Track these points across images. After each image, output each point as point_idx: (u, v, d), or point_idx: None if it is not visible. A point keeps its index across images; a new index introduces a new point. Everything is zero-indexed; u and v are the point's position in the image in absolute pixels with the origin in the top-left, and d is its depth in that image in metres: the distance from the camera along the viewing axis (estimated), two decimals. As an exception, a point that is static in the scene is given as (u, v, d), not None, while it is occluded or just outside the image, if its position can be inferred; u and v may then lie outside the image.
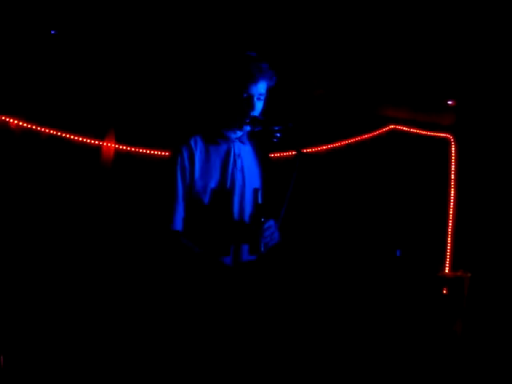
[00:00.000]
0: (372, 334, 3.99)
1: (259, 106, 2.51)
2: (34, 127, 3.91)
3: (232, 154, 2.56)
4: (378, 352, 3.87)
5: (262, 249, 2.41)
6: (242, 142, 2.60)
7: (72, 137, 4.03)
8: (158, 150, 4.19)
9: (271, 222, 2.46)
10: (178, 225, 2.46)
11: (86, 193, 4.03)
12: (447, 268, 4.62)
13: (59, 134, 3.99)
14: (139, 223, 3.86)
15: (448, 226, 4.65)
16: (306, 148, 4.26)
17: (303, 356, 3.67)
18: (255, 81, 2.45)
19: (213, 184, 2.50)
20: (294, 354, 3.60)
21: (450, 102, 4.73)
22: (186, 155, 2.50)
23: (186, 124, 2.64)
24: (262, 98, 2.51)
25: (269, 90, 2.56)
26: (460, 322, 4.05)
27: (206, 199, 2.49)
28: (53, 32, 3.88)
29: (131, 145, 4.20)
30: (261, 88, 2.48)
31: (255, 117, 2.46)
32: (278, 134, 2.41)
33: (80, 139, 4.05)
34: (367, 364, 3.76)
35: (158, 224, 2.50)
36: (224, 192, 2.53)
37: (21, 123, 3.87)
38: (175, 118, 4.12)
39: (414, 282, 4.28)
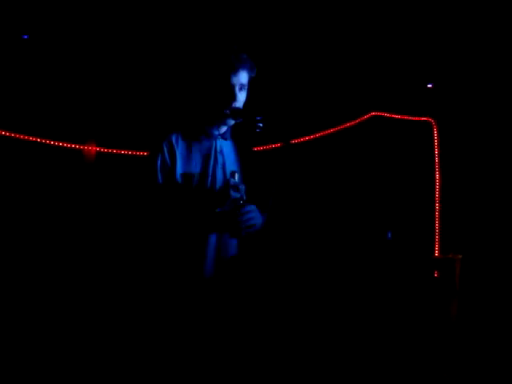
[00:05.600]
0: (365, 319, 3.99)
1: (241, 97, 2.52)
2: (12, 135, 3.85)
3: (213, 150, 2.57)
4: (370, 337, 3.87)
5: (243, 233, 2.42)
6: (224, 139, 2.58)
7: (52, 142, 3.98)
8: (140, 152, 4.15)
9: (251, 207, 2.44)
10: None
11: (68, 194, 4.00)
12: (437, 251, 4.61)
13: (39, 140, 3.94)
14: (123, 222, 3.83)
15: (435, 209, 4.65)
16: (290, 139, 4.25)
17: (295, 341, 3.67)
18: (235, 71, 2.44)
19: (194, 180, 2.47)
20: (286, 341, 3.59)
21: (429, 85, 4.74)
22: (166, 151, 2.49)
23: (167, 121, 2.60)
24: (244, 89, 2.50)
25: (250, 82, 2.53)
26: (454, 304, 4.03)
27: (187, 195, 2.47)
28: (25, 37, 3.82)
29: (112, 147, 4.16)
30: (242, 78, 2.48)
31: (236, 108, 2.43)
32: (261, 124, 2.39)
33: (60, 144, 4.00)
34: (360, 349, 3.76)
35: (141, 219, 2.48)
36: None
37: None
38: (156, 116, 4.08)
39: (404, 266, 4.27)
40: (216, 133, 2.57)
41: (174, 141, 2.51)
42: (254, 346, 2.56)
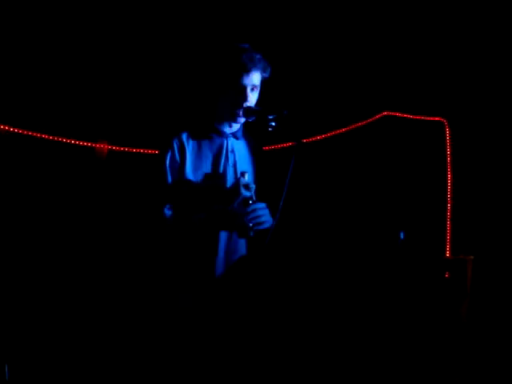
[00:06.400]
0: (375, 319, 3.99)
1: (253, 97, 2.52)
2: (25, 132, 3.87)
3: (225, 149, 2.57)
4: (381, 336, 3.87)
5: (251, 233, 2.40)
6: (236, 138, 2.59)
7: (65, 140, 4.00)
8: (151, 150, 4.16)
9: (259, 205, 2.44)
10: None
11: (80, 192, 4.03)
12: (448, 252, 4.60)
13: (51, 137, 3.96)
14: (133, 220, 3.86)
15: (447, 209, 4.64)
16: (302, 139, 4.26)
17: (303, 341, 3.68)
18: (248, 71, 2.44)
19: (204, 179, 2.48)
20: (295, 340, 3.60)
21: (441, 85, 4.73)
22: (176, 149, 2.49)
23: (178, 120, 2.61)
24: (256, 89, 2.50)
25: (263, 82, 2.53)
26: (465, 305, 4.02)
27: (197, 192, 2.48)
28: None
29: (124, 145, 4.17)
30: (254, 79, 2.48)
31: (249, 107, 2.44)
32: (273, 123, 2.39)
33: (72, 142, 4.02)
34: (370, 349, 3.76)
35: (149, 218, 2.48)
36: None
37: (11, 129, 3.83)
38: (167, 114, 4.09)
39: (415, 266, 4.26)
40: (227, 131, 2.57)
41: (184, 139, 2.51)
42: (263, 345, 2.57)
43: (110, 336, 3.67)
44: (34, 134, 3.91)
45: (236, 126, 2.57)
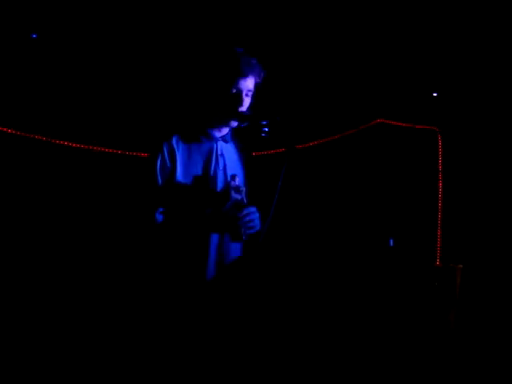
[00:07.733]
0: (365, 325, 4.01)
1: (247, 102, 2.51)
2: (19, 133, 3.88)
3: (214, 153, 2.57)
4: (370, 342, 3.88)
5: (243, 236, 2.41)
6: (225, 141, 2.59)
7: (58, 142, 4.01)
8: (143, 153, 4.17)
9: (251, 209, 2.44)
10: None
11: (72, 194, 4.03)
12: (438, 260, 4.63)
13: (44, 139, 3.97)
14: (124, 223, 3.86)
15: (438, 217, 4.67)
16: (295, 144, 4.28)
17: (296, 344, 3.68)
18: (244, 76, 2.45)
19: (194, 182, 2.49)
20: (286, 344, 3.60)
21: (434, 94, 4.76)
22: (166, 152, 2.48)
23: (168, 122, 2.61)
24: (250, 94, 2.51)
25: (256, 87, 2.54)
26: (453, 312, 4.05)
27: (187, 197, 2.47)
28: (33, 36, 3.85)
29: (116, 148, 4.19)
30: (249, 84, 2.48)
31: (242, 112, 2.45)
32: (266, 129, 2.40)
33: (65, 144, 4.03)
34: (360, 355, 3.78)
35: (140, 223, 2.48)
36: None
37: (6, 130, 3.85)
38: (159, 118, 4.11)
39: (405, 273, 4.29)
40: (217, 135, 2.57)
41: (174, 142, 2.50)
42: (254, 348, 2.58)
43: (101, 338, 3.67)
44: (28, 136, 3.93)
45: (225, 130, 2.57)
